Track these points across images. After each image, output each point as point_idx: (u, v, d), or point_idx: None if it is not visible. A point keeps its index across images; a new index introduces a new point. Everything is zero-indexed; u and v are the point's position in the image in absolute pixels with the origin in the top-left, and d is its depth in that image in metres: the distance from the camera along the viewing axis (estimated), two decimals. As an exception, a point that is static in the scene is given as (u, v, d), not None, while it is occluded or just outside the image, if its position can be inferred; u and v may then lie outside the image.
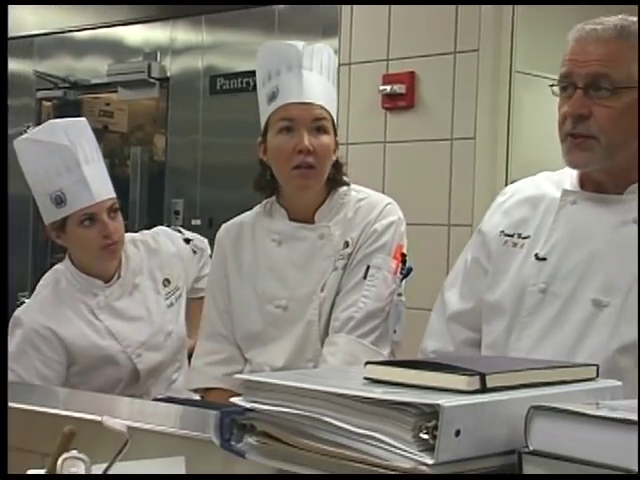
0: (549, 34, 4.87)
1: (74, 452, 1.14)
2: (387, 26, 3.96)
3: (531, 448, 1.00)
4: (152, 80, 4.85)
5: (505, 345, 1.79)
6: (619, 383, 1.19)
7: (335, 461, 1.05)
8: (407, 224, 2.24)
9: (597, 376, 1.18)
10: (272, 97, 2.16)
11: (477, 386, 1.03)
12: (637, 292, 1.68)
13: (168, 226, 2.78)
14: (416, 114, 3.87)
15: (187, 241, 2.67)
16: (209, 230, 4.22)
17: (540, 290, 1.77)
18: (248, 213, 2.33)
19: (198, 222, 4.71)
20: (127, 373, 2.42)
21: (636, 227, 1.72)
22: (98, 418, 1.19)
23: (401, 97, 3.87)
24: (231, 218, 2.36)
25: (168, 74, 4.95)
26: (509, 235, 1.86)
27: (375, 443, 1.01)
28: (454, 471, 0.99)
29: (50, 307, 2.44)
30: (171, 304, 2.54)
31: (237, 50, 4.68)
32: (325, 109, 2.17)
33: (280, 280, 2.19)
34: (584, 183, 1.82)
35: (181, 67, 4.96)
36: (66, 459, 1.14)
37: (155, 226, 2.82)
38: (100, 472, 1.13)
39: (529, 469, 1.00)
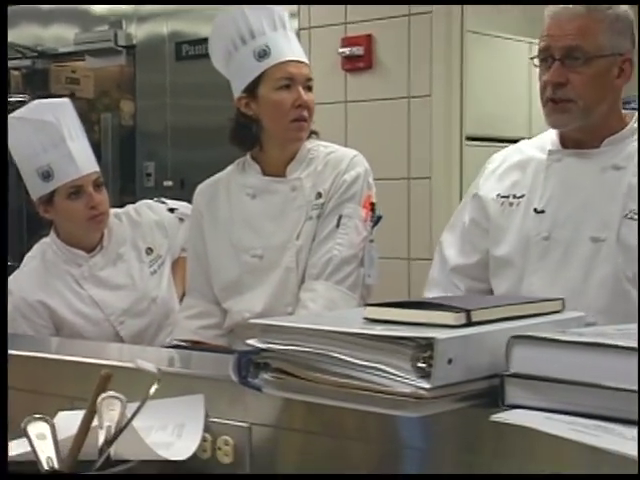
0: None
1: (111, 392, 1.29)
2: (344, -10, 4.06)
3: (511, 371, 1.15)
4: (119, 48, 4.93)
5: (519, 291, 2.00)
6: (582, 314, 1.37)
7: (343, 390, 1.19)
8: (370, 178, 2.39)
9: (563, 308, 1.36)
10: (263, 54, 2.29)
11: (464, 321, 1.19)
12: (627, 227, 1.95)
13: (152, 198, 2.87)
14: (374, 74, 4.00)
15: (171, 210, 2.76)
16: (181, 191, 4.32)
17: (544, 238, 2.00)
18: (223, 172, 2.46)
19: (170, 183, 4.79)
20: (111, 339, 2.52)
21: (615, 172, 1.98)
22: (130, 364, 1.34)
23: (359, 59, 3.99)
24: (202, 179, 2.48)
25: (134, 42, 5.01)
26: (505, 197, 2.09)
27: (378, 373, 1.15)
28: (447, 393, 1.16)
29: (38, 277, 2.55)
30: (154, 271, 2.64)
31: (201, 16, 4.74)
32: (309, 68, 2.34)
33: (255, 231, 2.33)
34: (564, 142, 2.06)
35: (146, 34, 5.01)
36: (104, 398, 1.29)
37: (128, 189, 2.92)
38: (134, 409, 1.28)
39: (510, 389, 1.16)
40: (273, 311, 2.26)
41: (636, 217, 1.94)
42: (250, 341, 1.28)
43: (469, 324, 1.20)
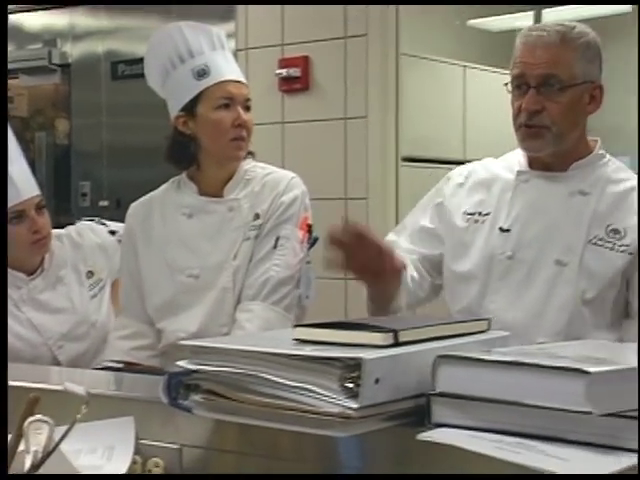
0: (430, 19, 5.12)
1: (39, 416, 1.28)
2: (281, 12, 4.09)
3: (437, 390, 1.18)
4: (53, 66, 4.90)
5: (479, 307, 2.05)
6: (507, 333, 1.40)
7: (272, 411, 1.20)
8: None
9: (488, 328, 1.39)
10: (202, 73, 2.30)
11: (391, 341, 1.21)
12: (591, 253, 2.02)
13: (88, 218, 2.84)
14: (311, 96, 4.03)
15: (112, 233, 2.72)
16: (117, 211, 4.30)
17: (508, 257, 2.04)
18: (156, 191, 2.45)
19: (106, 203, 4.76)
20: (49, 363, 2.49)
21: (582, 197, 2.05)
22: (58, 387, 1.33)
23: (296, 80, 4.02)
24: (138, 198, 2.47)
25: (69, 60, 4.99)
26: (471, 214, 2.13)
27: (307, 393, 1.16)
28: (375, 412, 1.17)
29: None
30: (94, 295, 2.62)
31: (136, 35, 4.75)
32: (248, 88, 2.36)
33: (191, 250, 2.33)
34: (532, 164, 2.12)
35: (82, 53, 4.99)
36: (31, 422, 1.27)
37: (63, 209, 2.89)
38: (62, 432, 1.27)
39: (436, 408, 1.18)
40: (208, 331, 2.25)
41: (600, 243, 2.01)
42: (180, 362, 1.28)
43: (397, 344, 1.22)
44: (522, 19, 5.60)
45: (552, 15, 5.64)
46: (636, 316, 2.02)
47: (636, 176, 2.14)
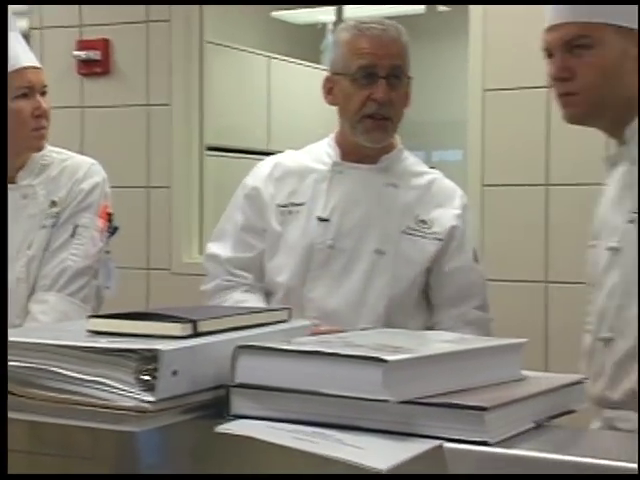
0: (235, 9, 5.10)
1: None
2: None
3: (237, 382, 1.16)
4: None
5: (300, 296, 2.07)
6: (308, 323, 1.40)
7: (65, 407, 1.15)
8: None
9: (290, 317, 1.38)
10: None
11: (190, 331, 1.18)
12: (405, 242, 2.07)
13: None
14: (112, 80, 3.92)
15: None
16: None
17: (328, 246, 2.07)
18: None
19: None
20: None
21: (393, 189, 2.11)
22: None
23: (96, 63, 3.90)
24: None
25: None
26: (283, 206, 2.14)
27: (101, 387, 1.12)
28: (173, 405, 1.14)
29: None
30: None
31: None
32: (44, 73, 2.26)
33: None
34: (345, 155, 2.15)
35: None
36: None
37: None
38: None
39: (235, 399, 1.16)
40: None
41: (412, 232, 2.08)
42: (-37, 357, 1.20)
43: (195, 335, 1.19)
44: (325, 13, 5.69)
45: (352, 12, 5.76)
46: (445, 302, 2.10)
47: (432, 170, 2.23)
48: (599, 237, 1.82)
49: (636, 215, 1.70)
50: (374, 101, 2.06)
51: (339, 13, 5.85)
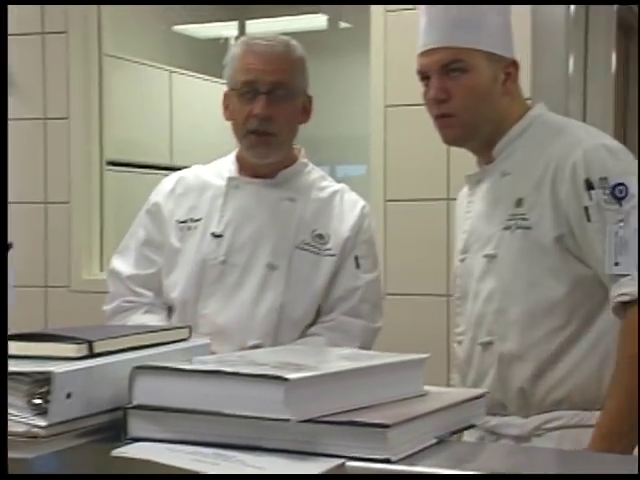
0: (136, 22, 5.04)
1: None
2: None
3: (134, 403, 1.13)
4: None
5: (194, 312, 2.05)
6: (208, 341, 1.37)
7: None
8: (3, 205, 2.27)
9: (190, 336, 1.35)
10: None
11: (85, 352, 1.15)
12: (298, 257, 2.07)
13: None
14: (9, 93, 3.81)
15: None
16: None
17: (220, 262, 2.05)
18: None
19: None
20: None
21: (289, 203, 2.11)
22: None
23: (-9, 76, 3.80)
24: None
25: None
26: (183, 222, 2.13)
27: (-9, 413, 1.09)
28: (67, 429, 1.10)
29: None
30: None
31: None
32: None
33: None
34: (242, 170, 2.15)
35: None
36: None
37: None
38: None
39: (133, 421, 1.13)
40: None
41: (307, 247, 2.08)
42: None
43: (91, 355, 1.16)
44: (228, 28, 5.67)
45: (255, 27, 5.76)
46: (322, 310, 2.10)
47: (338, 184, 2.23)
48: (470, 250, 1.94)
49: (511, 222, 1.83)
50: (255, 117, 2.06)
51: (241, 28, 5.84)
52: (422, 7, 1.91)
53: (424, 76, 1.89)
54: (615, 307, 1.74)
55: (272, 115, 2.05)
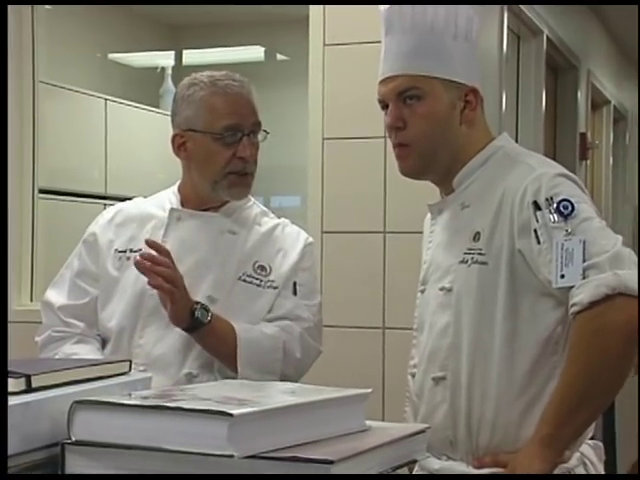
0: (71, 50, 5.00)
1: None
2: None
3: (73, 439, 1.11)
4: None
5: (130, 343, 2.04)
6: (149, 375, 1.36)
7: None
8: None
9: (130, 370, 1.33)
10: None
11: (24, 387, 1.13)
12: (240, 288, 2.07)
13: None
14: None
15: None
16: None
17: (157, 293, 1.97)
18: None
19: None
20: None
21: (231, 236, 2.10)
22: None
23: None
24: None
25: None
26: (122, 252, 2.11)
27: None
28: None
29: None
30: None
31: None
32: None
33: None
34: (185, 202, 2.15)
35: None
36: None
37: None
38: None
39: (71, 458, 1.11)
40: None
41: (249, 279, 2.07)
42: None
43: (29, 390, 1.14)
44: (164, 57, 5.65)
45: (192, 57, 5.75)
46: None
47: (277, 218, 2.22)
48: (428, 281, 1.89)
49: (468, 256, 1.80)
50: (241, 159, 2.07)
51: (178, 58, 5.82)
52: (382, 37, 1.89)
53: (384, 105, 1.87)
54: (572, 321, 1.67)
55: (253, 155, 2.09)
